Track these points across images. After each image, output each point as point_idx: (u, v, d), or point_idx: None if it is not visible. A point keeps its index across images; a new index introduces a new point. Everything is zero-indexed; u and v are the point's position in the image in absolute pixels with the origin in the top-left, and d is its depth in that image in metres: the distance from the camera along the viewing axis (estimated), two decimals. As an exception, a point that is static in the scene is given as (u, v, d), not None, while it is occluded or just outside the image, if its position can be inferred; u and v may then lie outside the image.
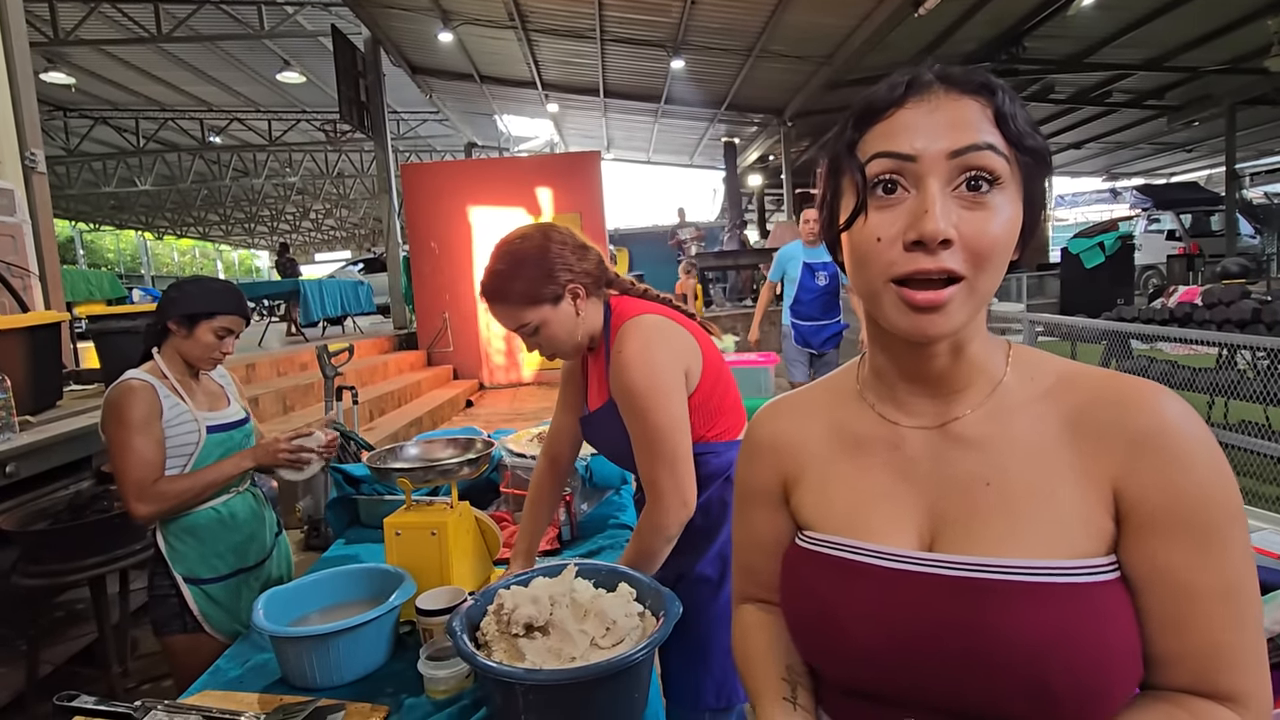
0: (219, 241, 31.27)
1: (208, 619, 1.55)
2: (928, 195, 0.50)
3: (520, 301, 1.15)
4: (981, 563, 0.53)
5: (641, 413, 1.11)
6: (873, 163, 0.53)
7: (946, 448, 0.58)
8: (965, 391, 0.59)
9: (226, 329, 1.56)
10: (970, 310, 0.53)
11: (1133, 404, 0.53)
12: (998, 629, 0.51)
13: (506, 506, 1.77)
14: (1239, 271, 4.66)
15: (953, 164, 0.51)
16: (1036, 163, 0.54)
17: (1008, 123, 0.52)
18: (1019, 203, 0.53)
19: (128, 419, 1.44)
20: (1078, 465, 0.54)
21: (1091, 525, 0.53)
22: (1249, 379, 3.11)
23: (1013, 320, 5.50)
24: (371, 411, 5.58)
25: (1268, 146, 15.24)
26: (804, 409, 0.69)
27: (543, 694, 0.83)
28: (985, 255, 0.51)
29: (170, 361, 1.56)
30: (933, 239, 0.50)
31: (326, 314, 8.51)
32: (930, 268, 0.50)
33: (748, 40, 8.66)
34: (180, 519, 1.53)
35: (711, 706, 1.24)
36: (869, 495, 0.61)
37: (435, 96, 12.46)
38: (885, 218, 0.52)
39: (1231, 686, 0.51)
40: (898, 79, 0.54)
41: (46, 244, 3.65)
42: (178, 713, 0.96)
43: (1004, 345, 0.61)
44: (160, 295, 1.61)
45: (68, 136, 14.31)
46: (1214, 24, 8.21)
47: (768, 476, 0.69)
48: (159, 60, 11.01)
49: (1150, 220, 13.35)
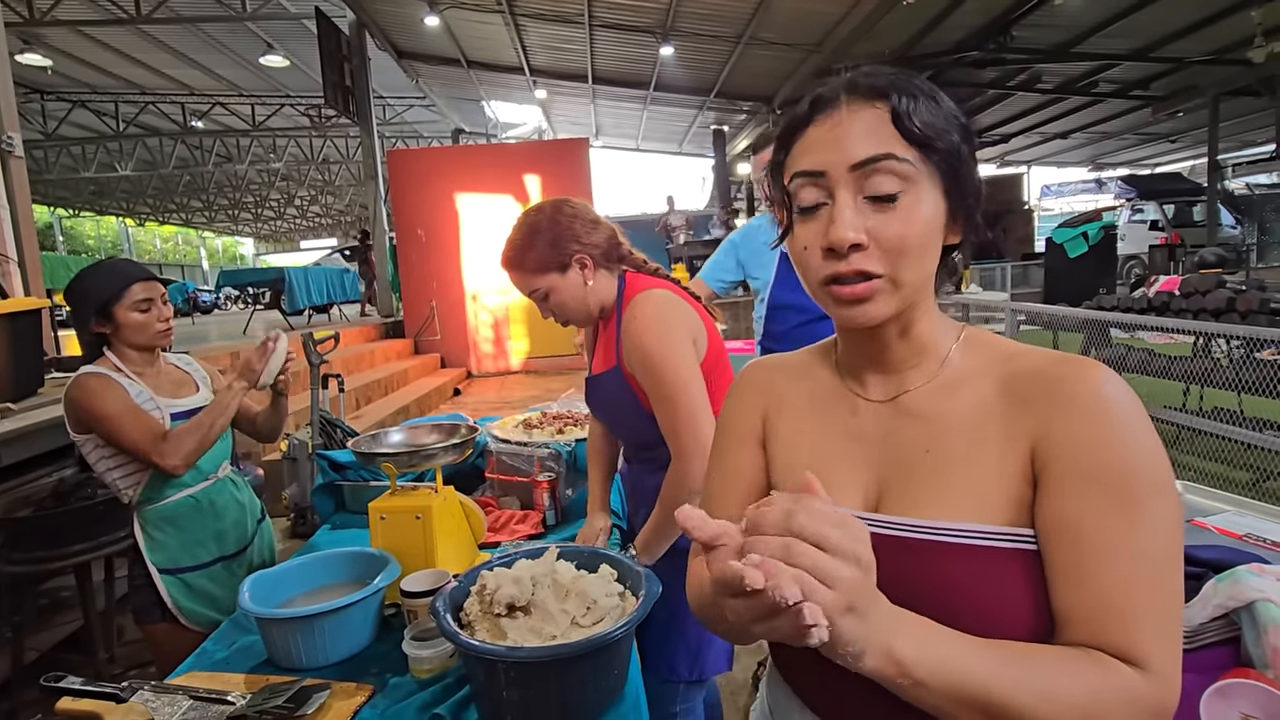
0: (202, 228, 30.86)
1: (182, 610, 1.53)
2: (836, 205, 0.55)
3: (531, 269, 1.25)
4: (913, 523, 0.58)
5: (659, 370, 1.17)
6: (793, 182, 0.59)
7: (895, 419, 0.63)
8: (915, 369, 0.64)
9: (144, 299, 1.51)
10: (898, 300, 0.57)
11: (1065, 374, 0.56)
12: (921, 584, 0.55)
13: (492, 492, 1.79)
14: (1216, 261, 4.74)
15: (855, 174, 0.55)
16: (948, 155, 0.56)
17: (905, 122, 0.55)
18: (937, 194, 0.57)
19: (106, 403, 1.43)
20: (1004, 433, 0.57)
21: (1010, 493, 0.56)
22: (1223, 367, 3.17)
23: (996, 308, 5.56)
24: (358, 400, 5.57)
25: (1249, 138, 15.39)
26: (791, 368, 0.74)
27: (524, 671, 0.85)
28: (899, 252, 0.55)
29: (122, 356, 1.53)
30: (840, 245, 0.55)
31: (312, 302, 8.45)
32: (845, 270, 0.56)
33: (737, 27, 8.62)
34: (158, 507, 1.52)
35: (685, 678, 1.28)
36: (826, 458, 0.66)
37: (422, 81, 12.32)
38: (809, 229, 0.58)
39: (1131, 647, 0.50)
40: (807, 97, 0.59)
41: (25, 230, 3.60)
42: (164, 693, 0.97)
43: (957, 328, 0.65)
44: (69, 311, 1.57)
45: (45, 120, 14.00)
46: (1199, 15, 8.27)
47: (752, 414, 0.73)
48: (138, 42, 10.78)
49: (1134, 210, 13.47)
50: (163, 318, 1.54)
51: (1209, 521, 1.29)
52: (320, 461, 1.82)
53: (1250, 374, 2.93)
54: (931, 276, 0.60)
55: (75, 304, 1.51)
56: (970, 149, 0.58)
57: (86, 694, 0.95)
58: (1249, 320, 3.28)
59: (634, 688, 0.98)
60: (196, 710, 0.94)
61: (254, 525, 1.71)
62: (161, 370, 1.61)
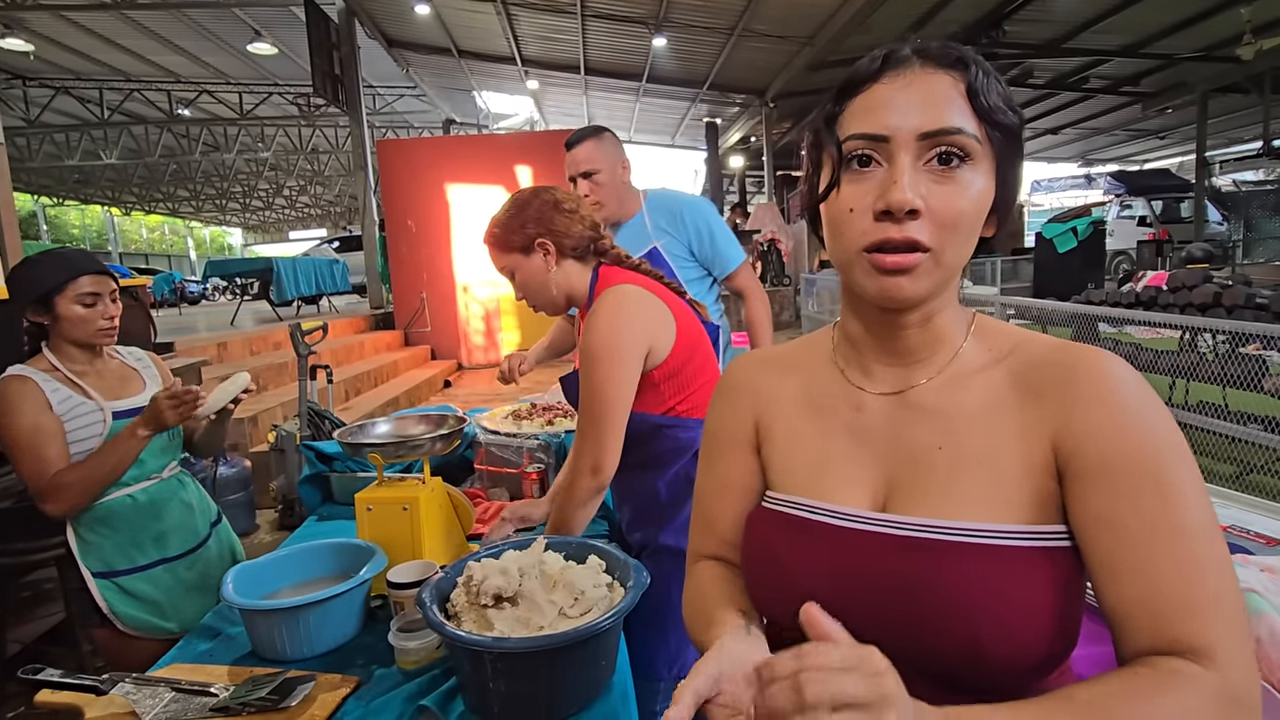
0: (189, 218, 30.49)
1: (119, 616, 1.45)
2: (897, 168, 0.52)
3: (499, 245, 1.29)
4: (925, 523, 0.55)
5: (589, 373, 1.17)
6: (849, 143, 0.55)
7: (905, 413, 0.60)
8: (927, 360, 0.61)
9: (90, 293, 1.42)
10: (936, 279, 0.55)
11: (1075, 363, 0.55)
12: (932, 586, 0.53)
13: (481, 483, 1.78)
14: (1203, 257, 4.77)
15: (923, 143, 0.53)
16: (1008, 139, 0.55)
17: (979, 98, 0.53)
18: (990, 178, 0.55)
19: (12, 419, 1.35)
20: (1022, 428, 0.55)
21: (1031, 490, 0.54)
22: (1208, 361, 3.20)
23: (986, 303, 5.60)
24: (347, 391, 5.53)
25: (1237, 135, 15.52)
26: (780, 363, 0.71)
27: (511, 662, 0.85)
28: (952, 227, 0.53)
29: (60, 352, 1.45)
30: (899, 209, 0.51)
31: (301, 293, 8.38)
32: (897, 237, 0.52)
33: (730, 19, 8.58)
34: (93, 509, 1.44)
35: (664, 677, 1.28)
36: (829, 457, 0.63)
37: (412, 71, 12.20)
38: (857, 189, 0.54)
39: (1191, 638, 0.47)
40: (877, 53, 0.56)
41: (5, 217, 3.55)
42: (146, 685, 0.96)
43: (969, 316, 0.63)
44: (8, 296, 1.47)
45: (28, 107, 13.75)
46: (1189, 12, 8.31)
47: (742, 419, 0.70)
48: (123, 27, 10.59)
49: (1123, 206, 13.55)
50: (107, 315, 1.45)
51: (1194, 513, 1.30)
52: (307, 452, 1.80)
53: (1235, 368, 2.96)
54: (964, 266, 0.57)
55: (15, 291, 1.41)
56: (1022, 141, 0.57)
57: (66, 686, 0.94)
58: (1234, 315, 3.31)
59: (622, 679, 0.97)
60: (179, 702, 0.93)
61: (206, 527, 1.62)
62: (105, 366, 1.52)
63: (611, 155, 1.90)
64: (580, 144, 1.88)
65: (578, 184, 1.87)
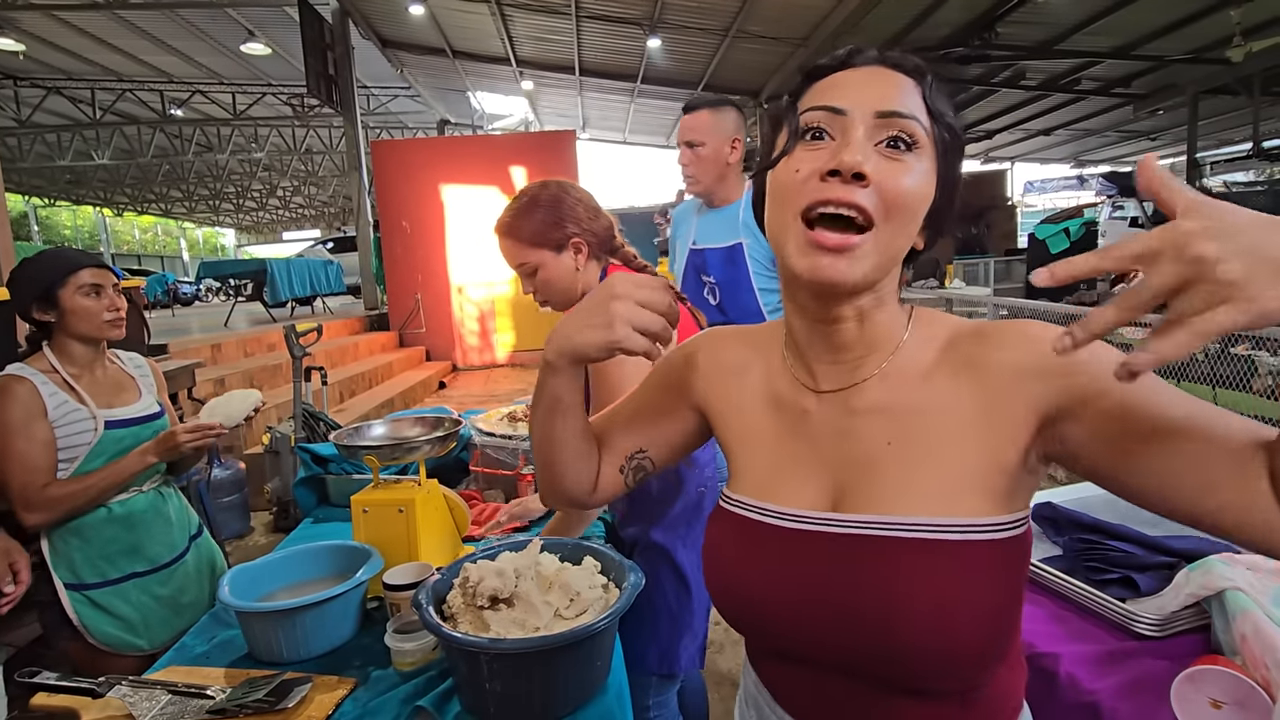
0: (182, 219, 30.33)
1: (90, 630, 1.41)
2: (851, 136, 0.54)
3: (526, 239, 1.25)
4: (874, 520, 0.56)
5: (605, 374, 1.19)
6: (807, 114, 0.57)
7: (851, 411, 0.61)
8: (869, 357, 0.61)
9: (92, 285, 1.41)
10: (873, 264, 0.54)
11: (1003, 337, 0.56)
12: (880, 581, 0.54)
13: (476, 485, 1.78)
14: (1193, 257, 4.82)
15: (878, 122, 0.55)
16: (952, 142, 0.58)
17: (931, 100, 0.57)
18: (933, 175, 0.57)
19: (4, 423, 1.33)
20: (974, 418, 0.56)
21: (987, 480, 0.54)
22: (1198, 361, 3.23)
23: (979, 303, 5.63)
24: (342, 393, 5.52)
25: (1228, 136, 15.62)
26: (748, 347, 0.71)
27: (506, 662, 0.85)
28: (896, 204, 0.54)
29: (61, 353, 1.43)
30: (849, 169, 0.52)
31: (295, 294, 8.35)
32: (843, 197, 0.52)
33: (724, 20, 8.60)
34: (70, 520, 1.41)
35: (654, 671, 1.29)
36: (781, 459, 0.64)
37: (406, 71, 12.17)
38: (808, 155, 0.56)
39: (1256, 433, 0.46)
40: (849, 48, 0.60)
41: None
42: (142, 688, 0.96)
43: (906, 312, 0.63)
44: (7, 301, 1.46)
45: (19, 107, 13.66)
46: (1179, 14, 8.37)
47: (690, 373, 0.73)
48: (115, 27, 10.53)
49: (1115, 207, 13.62)
50: (113, 306, 1.43)
51: (1182, 512, 1.31)
52: (302, 455, 1.80)
53: (1225, 368, 2.99)
54: (900, 261, 0.58)
55: (16, 290, 1.40)
56: (962, 151, 0.60)
57: (62, 689, 0.94)
58: (1224, 315, 3.33)
59: (617, 679, 0.98)
60: (175, 705, 0.93)
61: (184, 541, 1.57)
62: (104, 371, 1.50)
63: (723, 131, 1.81)
64: (695, 111, 1.81)
65: (682, 150, 1.83)
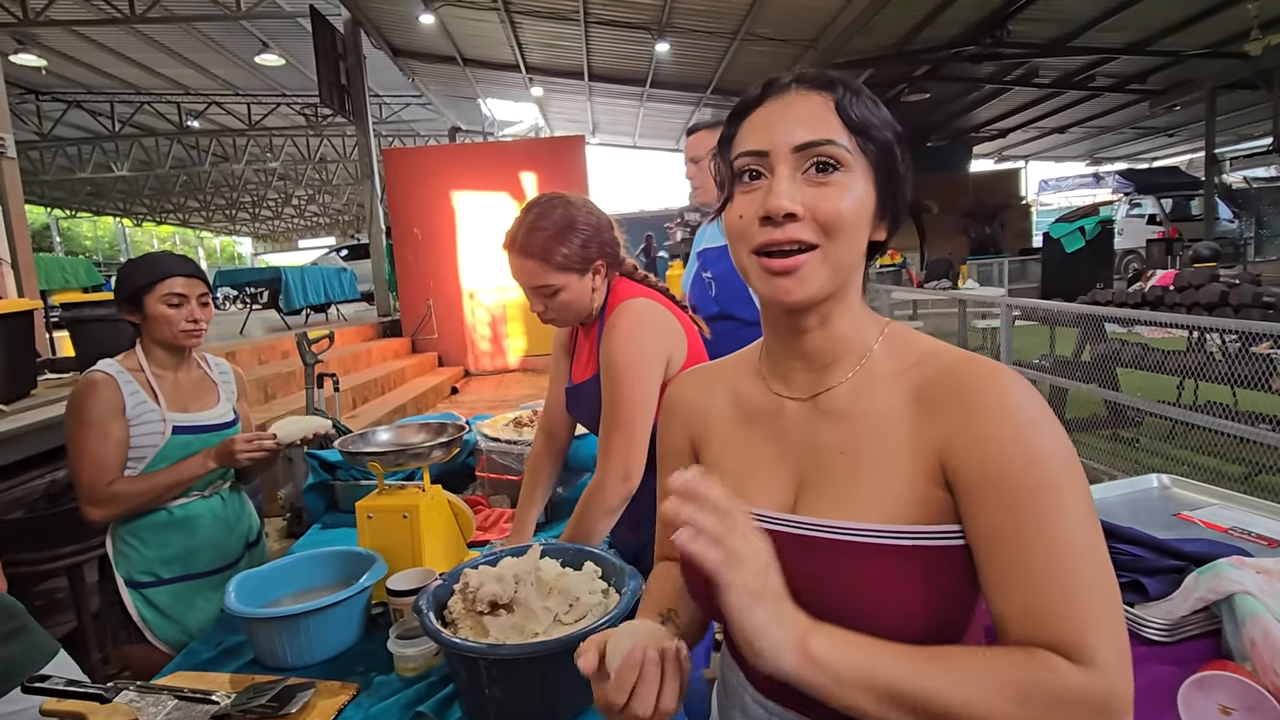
0: (200, 228, 30.77)
1: (149, 626, 1.45)
2: (776, 178, 0.58)
3: (557, 264, 1.19)
4: (824, 523, 0.59)
5: (616, 383, 1.18)
6: (738, 160, 0.62)
7: (816, 418, 0.65)
8: (835, 365, 0.65)
9: (178, 294, 1.45)
10: (825, 278, 0.59)
11: (971, 378, 0.57)
12: (826, 584, 0.57)
13: (482, 490, 1.79)
14: (1210, 255, 4.72)
15: (797, 155, 0.59)
16: (882, 150, 0.61)
17: (849, 113, 0.59)
18: (869, 184, 0.60)
19: (84, 417, 1.38)
20: (914, 436, 0.59)
21: (919, 493, 0.57)
22: (1216, 361, 3.17)
23: (993, 304, 5.56)
24: (354, 399, 5.57)
25: (1246, 131, 15.35)
26: (712, 379, 0.76)
27: (505, 668, 0.86)
28: (832, 225, 0.58)
29: (148, 352, 1.49)
30: (776, 213, 0.57)
31: (309, 301, 8.44)
32: (780, 238, 0.58)
33: (732, 23, 8.60)
34: (132, 519, 1.46)
35: None
36: (751, 462, 0.67)
37: (418, 80, 12.28)
38: (746, 200, 0.61)
39: (1062, 637, 0.49)
40: (762, 81, 0.63)
41: (18, 230, 3.60)
42: (149, 693, 0.97)
43: (880, 325, 0.66)
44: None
45: (40, 121, 13.95)
46: (1195, 8, 8.24)
47: (680, 437, 0.76)
48: (133, 42, 10.73)
49: (1132, 205, 13.46)
50: (192, 317, 1.47)
51: (1195, 515, 1.29)
52: (311, 461, 1.82)
53: (1244, 368, 2.93)
54: (858, 265, 0.62)
55: (115, 290, 1.49)
56: (904, 155, 0.62)
57: (71, 694, 0.95)
58: (1242, 314, 3.28)
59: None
60: (181, 710, 0.94)
61: (240, 548, 1.59)
62: (188, 374, 1.55)
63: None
64: (697, 132, 1.95)
65: (688, 165, 1.97)
